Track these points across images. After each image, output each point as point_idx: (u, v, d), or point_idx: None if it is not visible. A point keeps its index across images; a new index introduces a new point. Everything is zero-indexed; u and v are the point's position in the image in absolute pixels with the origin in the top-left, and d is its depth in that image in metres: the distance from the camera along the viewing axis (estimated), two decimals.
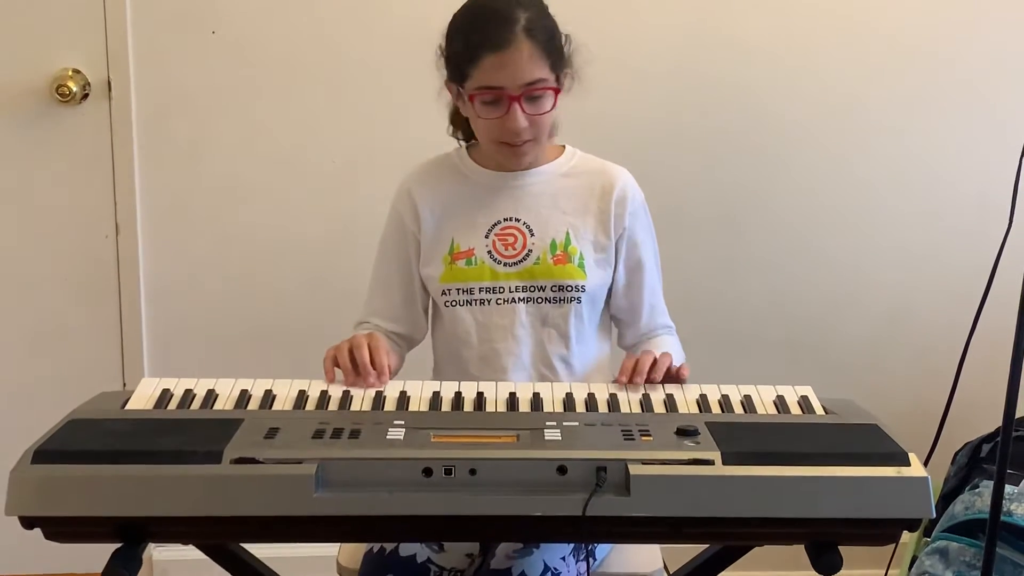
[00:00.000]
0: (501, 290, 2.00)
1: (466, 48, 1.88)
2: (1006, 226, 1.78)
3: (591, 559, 1.94)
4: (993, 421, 2.53)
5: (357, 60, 2.65)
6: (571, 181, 2.04)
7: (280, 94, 2.67)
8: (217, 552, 1.77)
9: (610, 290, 2.07)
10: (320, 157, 2.70)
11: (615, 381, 1.80)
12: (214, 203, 2.72)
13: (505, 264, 2.00)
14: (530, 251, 2.00)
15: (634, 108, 2.63)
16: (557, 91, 1.90)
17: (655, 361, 1.81)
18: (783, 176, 2.78)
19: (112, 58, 2.61)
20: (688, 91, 2.72)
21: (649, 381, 1.79)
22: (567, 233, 2.01)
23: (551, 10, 1.95)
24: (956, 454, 2.60)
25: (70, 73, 2.60)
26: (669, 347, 2.02)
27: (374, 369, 1.78)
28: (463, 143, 2.11)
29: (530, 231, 2.01)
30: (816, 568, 1.51)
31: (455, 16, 1.93)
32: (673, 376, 1.82)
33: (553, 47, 1.90)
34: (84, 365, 2.77)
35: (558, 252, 2.00)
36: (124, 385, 2.74)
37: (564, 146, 2.09)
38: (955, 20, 2.71)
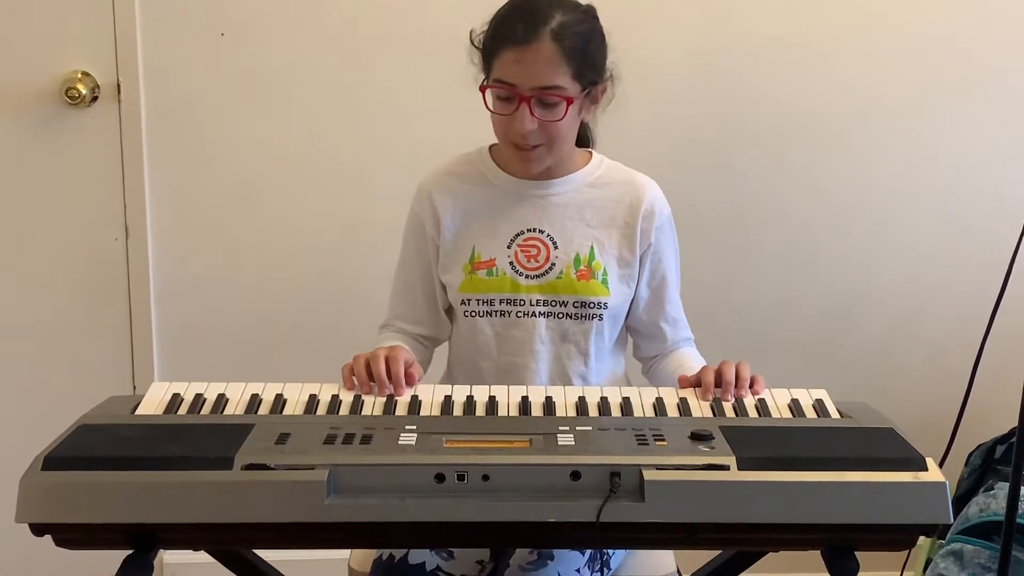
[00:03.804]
0: (522, 303, 1.98)
1: (491, 39, 1.87)
2: (1021, 226, 1.77)
3: (606, 569, 1.93)
4: (1006, 422, 2.53)
5: (366, 61, 2.65)
6: (597, 192, 2.01)
7: (289, 96, 2.66)
8: (228, 557, 1.76)
9: (630, 303, 2.05)
10: (330, 158, 2.70)
11: (702, 398, 1.75)
12: (224, 205, 2.71)
13: (527, 276, 1.98)
14: (553, 264, 1.97)
15: (646, 109, 2.61)
16: (570, 101, 1.85)
17: (737, 372, 1.77)
18: (795, 178, 2.77)
19: (121, 60, 2.61)
20: (700, 92, 2.71)
21: (737, 394, 1.75)
22: (591, 247, 1.98)
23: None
24: (970, 456, 2.59)
25: (79, 75, 2.60)
26: (694, 360, 2.01)
27: (390, 381, 1.75)
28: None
29: (553, 243, 1.98)
30: (832, 573, 1.50)
31: (498, 9, 1.90)
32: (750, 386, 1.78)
33: (582, 56, 1.85)
34: (94, 368, 2.77)
35: (582, 267, 1.97)
36: (134, 388, 2.74)
37: (591, 153, 2.05)
38: (970, 20, 2.69)
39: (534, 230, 1.99)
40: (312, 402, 1.69)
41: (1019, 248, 1.77)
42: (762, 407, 1.71)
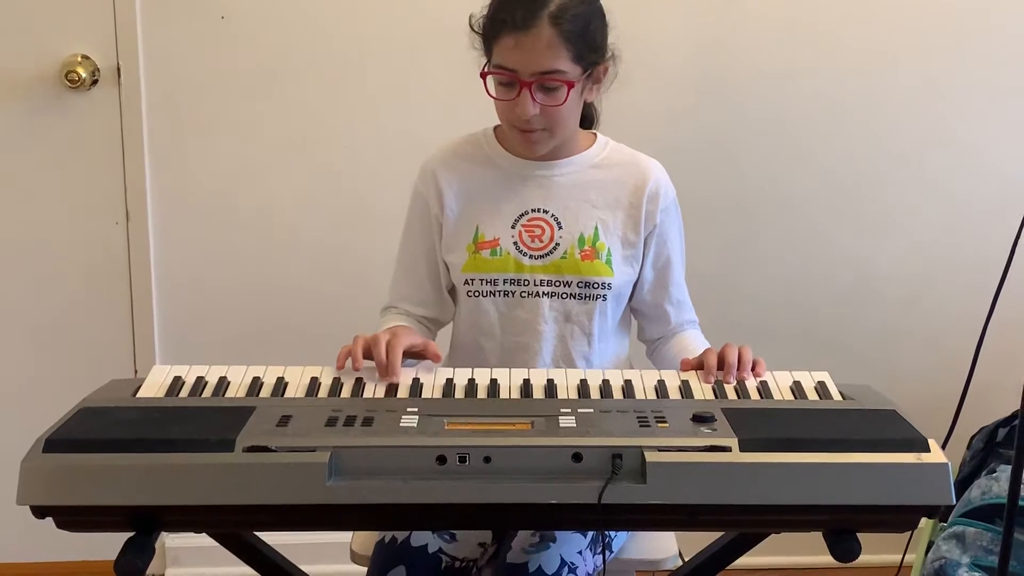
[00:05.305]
0: (526, 283, 1.97)
1: (491, 23, 1.86)
2: (1023, 211, 1.77)
3: (607, 551, 1.92)
4: (1008, 405, 2.53)
5: (367, 46, 2.64)
6: (602, 173, 2.01)
7: (290, 80, 2.65)
8: (229, 540, 1.76)
9: (634, 285, 2.05)
10: (331, 143, 2.69)
11: (704, 381, 1.74)
12: (225, 190, 2.71)
13: (531, 256, 1.97)
14: (557, 244, 1.97)
15: (649, 98, 2.61)
16: (571, 85, 1.84)
17: (739, 355, 1.76)
18: (797, 164, 2.76)
19: (121, 44, 2.60)
20: (704, 82, 2.70)
21: (739, 377, 1.74)
22: (596, 228, 1.98)
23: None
24: (972, 439, 2.60)
25: (79, 59, 2.59)
26: (698, 343, 2.01)
27: (387, 368, 1.72)
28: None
29: (558, 224, 1.98)
30: (834, 555, 1.49)
31: None
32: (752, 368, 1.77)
33: (582, 39, 1.83)
34: (95, 353, 2.77)
35: (586, 247, 1.97)
36: (135, 372, 2.74)
37: (595, 134, 2.05)
38: (970, 9, 2.68)
39: (538, 210, 1.98)
40: (314, 385, 1.69)
41: (1021, 232, 1.77)
42: (764, 389, 1.71)
